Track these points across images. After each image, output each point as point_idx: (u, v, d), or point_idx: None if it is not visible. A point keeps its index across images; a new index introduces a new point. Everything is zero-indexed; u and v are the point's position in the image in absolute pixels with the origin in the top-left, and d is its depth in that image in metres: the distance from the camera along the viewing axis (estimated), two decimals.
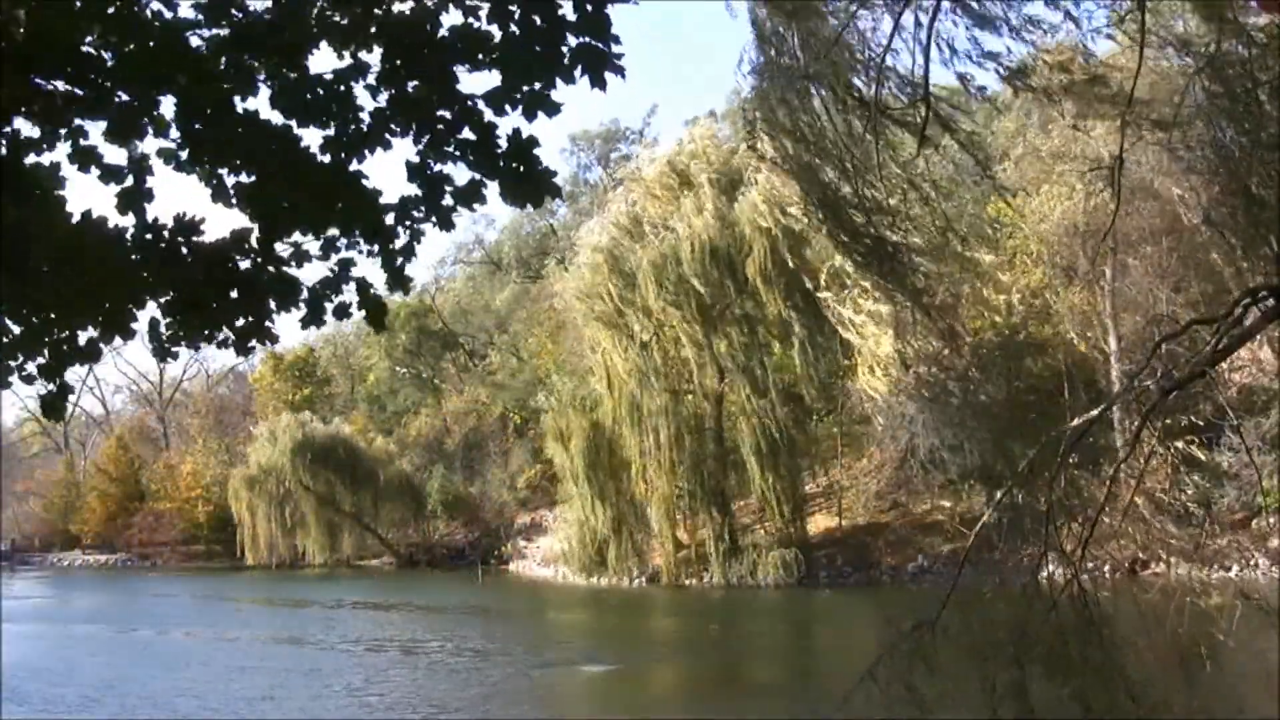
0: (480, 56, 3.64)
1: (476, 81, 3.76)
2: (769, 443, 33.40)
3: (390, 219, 3.90)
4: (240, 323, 3.79)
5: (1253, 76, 6.71)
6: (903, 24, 7.00)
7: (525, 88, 3.70)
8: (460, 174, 3.86)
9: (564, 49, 3.66)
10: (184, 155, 3.69)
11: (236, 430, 65.18)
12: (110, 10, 3.50)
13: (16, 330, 3.67)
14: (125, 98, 3.54)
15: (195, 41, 3.57)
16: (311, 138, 3.79)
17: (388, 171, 4.12)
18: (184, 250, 3.68)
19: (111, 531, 64.18)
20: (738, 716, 17.60)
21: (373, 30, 3.63)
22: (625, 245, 35.56)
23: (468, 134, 3.78)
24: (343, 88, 3.71)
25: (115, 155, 3.77)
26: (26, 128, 3.54)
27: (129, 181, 3.72)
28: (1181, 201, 26.60)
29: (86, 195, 3.81)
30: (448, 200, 3.88)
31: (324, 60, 3.72)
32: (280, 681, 21.47)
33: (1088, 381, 29.53)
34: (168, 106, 3.64)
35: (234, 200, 3.75)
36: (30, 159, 3.54)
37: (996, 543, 7.01)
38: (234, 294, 3.77)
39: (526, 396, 49.06)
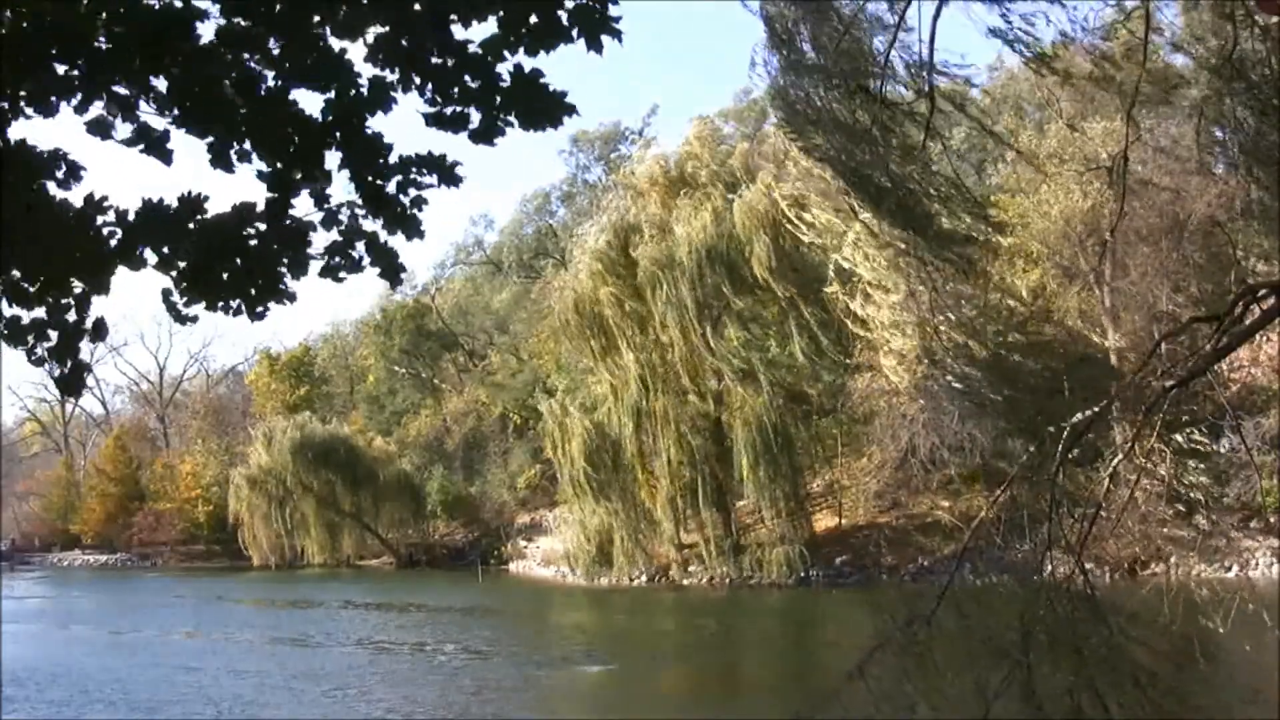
0: (476, 9, 3.62)
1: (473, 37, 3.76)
2: (769, 442, 33.40)
3: (392, 187, 3.88)
4: (253, 291, 3.79)
5: (1273, 69, 6.73)
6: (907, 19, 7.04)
7: (523, 32, 3.67)
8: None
9: (561, 10, 3.64)
10: (184, 126, 3.69)
11: (236, 430, 65.20)
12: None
13: (24, 315, 3.69)
14: (119, 79, 3.54)
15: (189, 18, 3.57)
16: (313, 108, 3.81)
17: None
18: (189, 227, 3.68)
19: (111, 531, 64.21)
20: (737, 716, 17.61)
21: None
22: (623, 246, 35.55)
23: (469, 81, 3.76)
24: (338, 48, 3.69)
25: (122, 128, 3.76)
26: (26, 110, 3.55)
27: (140, 148, 3.73)
28: (1180, 199, 26.66)
29: (88, 183, 3.82)
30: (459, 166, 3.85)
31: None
32: (282, 683, 21.48)
33: (1087, 380, 29.54)
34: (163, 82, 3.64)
35: (234, 166, 3.75)
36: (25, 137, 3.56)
37: (997, 539, 7.01)
38: (243, 266, 3.77)
39: (526, 397, 49.06)
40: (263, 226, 3.77)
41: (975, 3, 6.99)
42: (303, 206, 3.85)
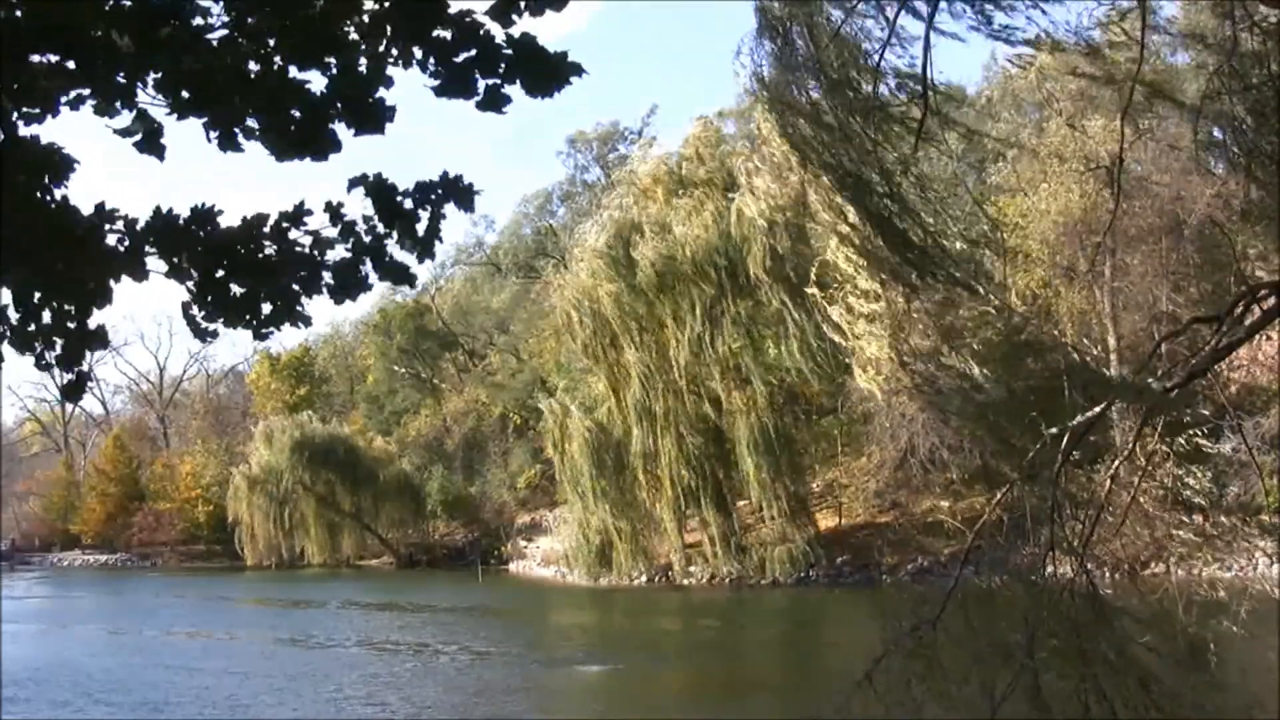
0: None
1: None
2: (770, 442, 33.42)
3: (409, 204, 3.89)
4: (266, 309, 3.78)
5: (1269, 69, 6.72)
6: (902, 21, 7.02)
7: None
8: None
9: None
10: (187, 111, 3.69)
11: (236, 430, 65.22)
12: None
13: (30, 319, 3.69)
14: (116, 69, 3.54)
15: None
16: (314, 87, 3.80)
17: (400, 162, 4.13)
18: (199, 238, 3.68)
19: (111, 531, 64.22)
20: (739, 716, 17.61)
21: None
22: (624, 245, 35.54)
23: (471, 53, 3.76)
24: (338, 29, 3.69)
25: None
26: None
27: (139, 136, 3.72)
28: (1179, 199, 26.66)
29: (97, 187, 3.83)
30: (465, 194, 3.83)
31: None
32: (283, 683, 21.47)
33: (1088, 381, 29.52)
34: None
35: (242, 145, 3.74)
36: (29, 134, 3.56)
37: (999, 540, 7.02)
38: (254, 280, 3.77)
39: (526, 397, 49.07)
40: (275, 239, 3.77)
41: (970, 7, 6.97)
42: (314, 222, 3.86)
